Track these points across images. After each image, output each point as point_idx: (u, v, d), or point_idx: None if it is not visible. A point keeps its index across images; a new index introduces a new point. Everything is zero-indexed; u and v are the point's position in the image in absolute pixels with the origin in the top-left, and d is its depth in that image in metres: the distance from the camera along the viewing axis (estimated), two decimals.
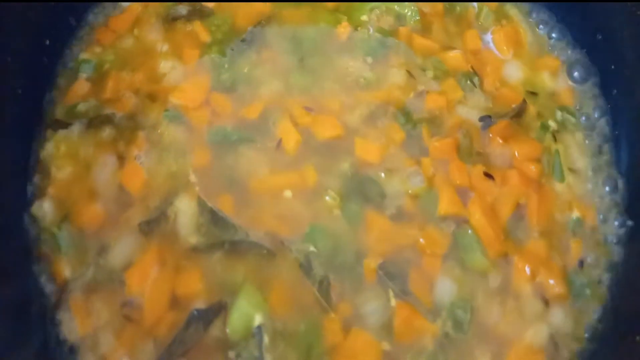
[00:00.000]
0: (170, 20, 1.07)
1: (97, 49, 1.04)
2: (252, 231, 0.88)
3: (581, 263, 0.92)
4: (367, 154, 0.95)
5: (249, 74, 1.02)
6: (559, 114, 1.03)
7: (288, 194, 0.92)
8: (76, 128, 0.95)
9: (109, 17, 1.08)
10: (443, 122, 1.00)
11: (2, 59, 0.88)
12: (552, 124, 1.02)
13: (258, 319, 0.83)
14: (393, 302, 0.85)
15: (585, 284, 0.91)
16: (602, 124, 1.02)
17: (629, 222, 0.94)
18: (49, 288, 0.86)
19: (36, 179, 0.93)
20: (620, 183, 0.97)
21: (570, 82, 1.06)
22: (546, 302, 0.88)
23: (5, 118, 0.89)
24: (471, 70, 1.04)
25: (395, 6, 1.10)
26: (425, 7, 1.11)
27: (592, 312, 0.89)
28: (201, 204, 0.90)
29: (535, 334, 0.85)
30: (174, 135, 0.95)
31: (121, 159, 0.93)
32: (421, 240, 0.90)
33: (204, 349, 0.82)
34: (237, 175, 0.93)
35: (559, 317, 0.87)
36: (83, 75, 1.01)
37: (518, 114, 1.01)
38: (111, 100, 0.98)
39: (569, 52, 1.08)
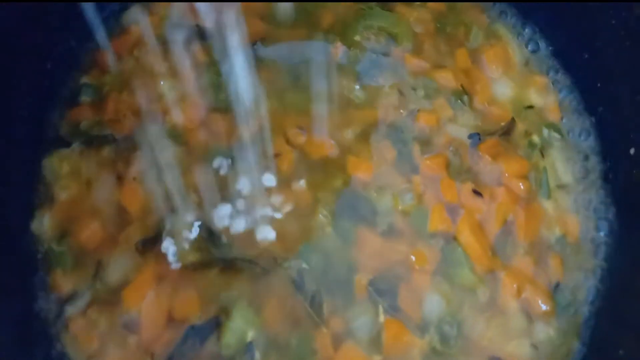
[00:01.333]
0: (169, 41, 1.09)
1: (98, 71, 1.06)
2: (247, 248, 0.91)
3: (557, 283, 0.93)
4: (359, 172, 0.97)
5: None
6: (545, 131, 1.05)
7: (281, 211, 0.94)
8: (77, 147, 0.98)
9: (110, 39, 1.09)
10: (433, 140, 1.01)
11: (4, 82, 0.91)
12: (539, 141, 1.04)
13: (251, 335, 0.85)
14: (382, 317, 0.88)
15: (569, 299, 0.92)
16: (589, 141, 1.03)
17: (613, 239, 0.95)
18: (49, 304, 0.89)
19: (38, 197, 0.95)
20: (606, 199, 0.99)
21: (557, 100, 1.08)
22: (531, 319, 0.90)
23: (10, 138, 0.92)
24: (461, 88, 1.06)
25: (388, 26, 1.12)
26: (417, 27, 1.13)
27: (575, 328, 0.91)
28: (198, 223, 0.92)
29: (518, 349, 0.87)
30: (172, 155, 0.97)
31: (120, 178, 0.95)
32: (411, 256, 0.92)
33: None
34: (232, 193, 0.95)
35: (542, 333, 0.89)
36: (84, 98, 1.03)
37: (507, 132, 1.03)
38: (111, 121, 1.00)
39: (556, 70, 1.10)
